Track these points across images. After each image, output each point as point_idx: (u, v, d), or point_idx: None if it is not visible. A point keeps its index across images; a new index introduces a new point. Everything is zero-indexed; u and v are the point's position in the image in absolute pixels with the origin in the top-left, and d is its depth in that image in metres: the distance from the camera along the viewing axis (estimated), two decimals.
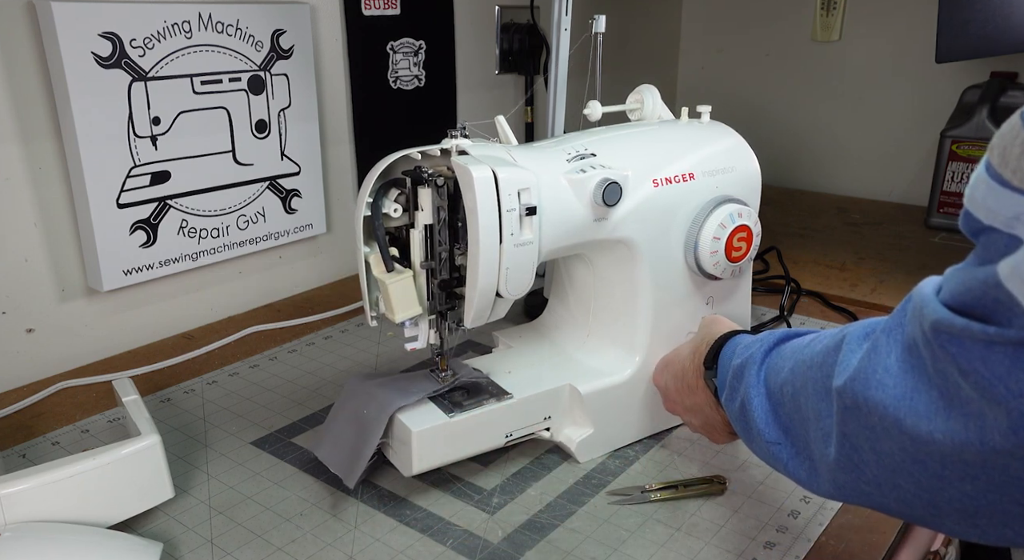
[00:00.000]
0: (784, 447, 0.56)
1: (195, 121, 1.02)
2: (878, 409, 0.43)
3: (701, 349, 0.71)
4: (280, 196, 1.16)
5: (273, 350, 1.04)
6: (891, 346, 0.44)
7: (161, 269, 1.03)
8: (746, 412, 0.60)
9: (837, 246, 1.44)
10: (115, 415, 0.88)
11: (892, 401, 0.43)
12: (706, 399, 0.70)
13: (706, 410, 0.71)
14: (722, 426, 0.71)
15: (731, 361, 0.64)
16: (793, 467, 0.55)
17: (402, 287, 0.70)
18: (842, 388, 0.46)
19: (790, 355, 0.57)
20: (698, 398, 0.72)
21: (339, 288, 1.27)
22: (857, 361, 0.46)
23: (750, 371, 0.60)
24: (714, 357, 0.68)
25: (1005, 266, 0.37)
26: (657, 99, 0.87)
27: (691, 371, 0.73)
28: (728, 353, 0.66)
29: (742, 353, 0.63)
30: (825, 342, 0.52)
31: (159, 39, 0.96)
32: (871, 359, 0.45)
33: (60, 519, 0.63)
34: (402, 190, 0.70)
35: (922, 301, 0.42)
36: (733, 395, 0.63)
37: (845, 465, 0.48)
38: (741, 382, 0.61)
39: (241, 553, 0.66)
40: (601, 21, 0.99)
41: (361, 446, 0.71)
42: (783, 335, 0.61)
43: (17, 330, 0.96)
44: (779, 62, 1.87)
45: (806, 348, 0.55)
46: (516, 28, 1.49)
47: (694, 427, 0.75)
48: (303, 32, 1.12)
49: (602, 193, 0.71)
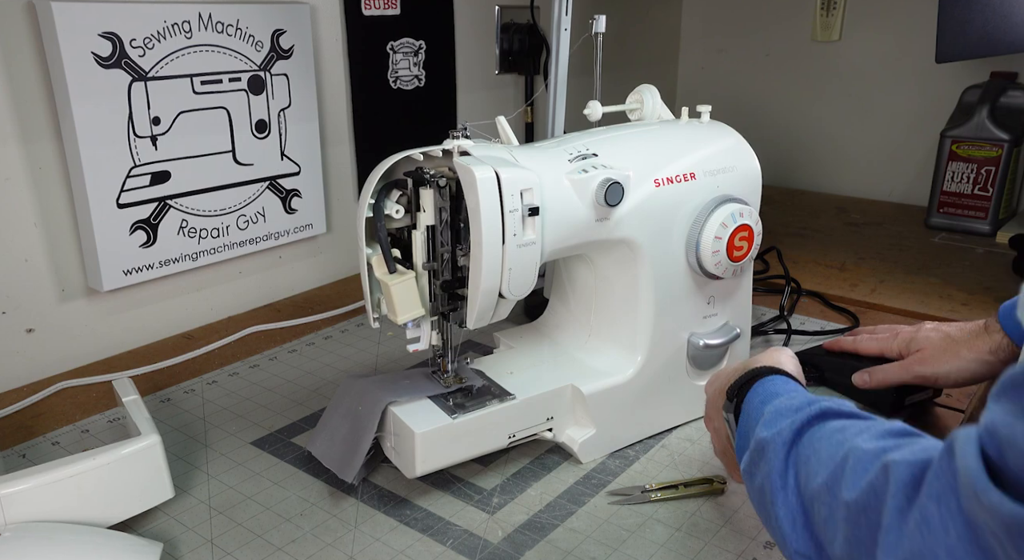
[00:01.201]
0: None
1: (195, 121, 1.02)
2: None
3: (735, 375, 0.65)
4: (280, 196, 1.16)
5: (273, 350, 1.04)
6: (948, 519, 0.37)
7: (161, 269, 1.03)
8: (766, 504, 0.53)
9: (837, 246, 1.44)
10: (115, 415, 0.87)
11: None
12: (720, 427, 0.67)
13: (724, 440, 0.67)
14: (734, 464, 0.66)
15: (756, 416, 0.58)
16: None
17: (404, 288, 0.70)
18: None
19: (827, 458, 0.48)
20: (720, 424, 0.68)
21: (339, 288, 1.27)
22: (908, 539, 0.39)
23: (776, 454, 0.52)
24: (738, 389, 0.63)
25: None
26: (657, 99, 0.87)
27: (719, 394, 0.68)
28: (756, 400, 0.60)
29: (771, 422, 0.55)
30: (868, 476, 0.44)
31: (159, 39, 0.96)
32: (925, 537, 0.37)
33: (60, 519, 0.63)
34: (404, 191, 0.70)
35: (971, 479, 0.35)
36: (753, 470, 0.55)
37: None
38: (762, 461, 0.54)
39: (241, 553, 0.66)
40: (601, 21, 0.99)
41: (356, 441, 0.71)
42: (817, 412, 0.53)
43: (17, 330, 0.96)
44: (779, 62, 1.87)
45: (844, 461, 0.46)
46: (516, 28, 1.49)
47: (716, 451, 0.72)
48: (303, 32, 1.12)
49: (604, 193, 0.71)
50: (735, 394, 0.63)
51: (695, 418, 0.86)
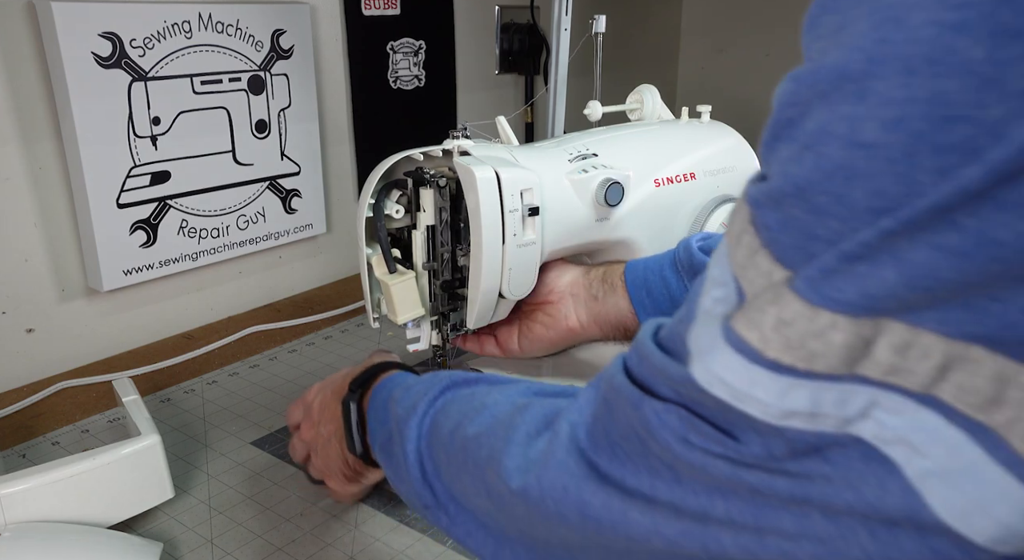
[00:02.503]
0: (441, 513, 0.46)
1: (195, 121, 1.02)
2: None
3: (355, 371, 0.62)
4: (280, 196, 1.15)
5: (273, 350, 1.04)
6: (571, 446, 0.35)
7: (161, 269, 1.03)
8: (401, 474, 0.49)
9: None
10: (115, 415, 0.87)
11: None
12: (335, 428, 0.61)
13: (328, 436, 0.61)
14: (338, 468, 0.62)
15: (385, 402, 0.54)
16: (457, 533, 0.45)
17: (404, 288, 0.70)
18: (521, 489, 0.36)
19: (456, 414, 0.46)
20: (330, 422, 0.62)
21: (339, 288, 1.27)
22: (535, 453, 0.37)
23: (408, 425, 0.48)
24: (364, 383, 0.59)
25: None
26: (657, 99, 0.87)
27: (336, 394, 0.62)
28: (383, 392, 0.56)
29: (402, 399, 0.51)
30: (499, 410, 0.42)
31: (159, 39, 0.96)
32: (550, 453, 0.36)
33: (60, 519, 0.63)
34: (404, 191, 0.70)
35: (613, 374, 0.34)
36: (390, 448, 0.52)
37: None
38: (397, 434, 0.50)
39: (241, 553, 0.66)
40: (601, 21, 0.99)
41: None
42: (448, 383, 0.50)
43: (17, 330, 0.96)
44: (779, 62, 1.87)
45: (476, 411, 0.44)
46: (516, 28, 1.49)
47: (315, 466, 0.66)
48: (303, 32, 1.12)
49: (604, 193, 0.71)
50: (359, 386, 0.59)
51: None
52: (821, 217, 0.24)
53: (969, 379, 0.23)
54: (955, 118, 0.21)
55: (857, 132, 0.23)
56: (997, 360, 0.22)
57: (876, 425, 0.25)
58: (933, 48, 0.21)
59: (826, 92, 0.24)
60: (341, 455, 0.61)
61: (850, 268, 0.23)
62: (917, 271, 0.22)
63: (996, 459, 0.23)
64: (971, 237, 0.21)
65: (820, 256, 0.24)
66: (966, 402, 0.23)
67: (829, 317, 0.24)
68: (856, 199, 0.23)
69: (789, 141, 0.26)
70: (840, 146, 0.24)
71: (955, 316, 0.22)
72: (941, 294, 0.22)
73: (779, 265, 0.26)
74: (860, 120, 0.23)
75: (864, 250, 0.23)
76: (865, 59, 0.23)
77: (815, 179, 0.24)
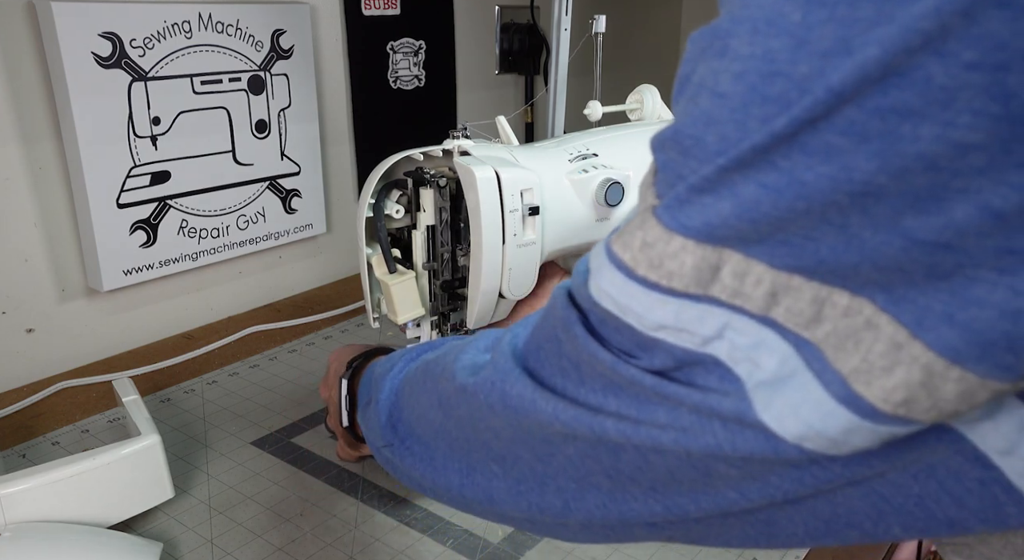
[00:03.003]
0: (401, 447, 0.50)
1: (195, 121, 1.02)
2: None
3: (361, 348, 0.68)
4: (280, 196, 1.16)
5: (273, 350, 1.04)
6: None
7: (161, 269, 1.03)
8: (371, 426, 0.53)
9: None
10: (115, 415, 0.87)
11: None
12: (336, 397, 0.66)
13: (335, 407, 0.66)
14: (341, 434, 0.68)
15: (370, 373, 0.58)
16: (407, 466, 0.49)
17: (404, 288, 0.70)
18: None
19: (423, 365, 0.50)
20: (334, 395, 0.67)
21: (339, 288, 1.27)
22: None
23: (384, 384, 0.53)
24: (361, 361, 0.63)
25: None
26: (657, 99, 0.87)
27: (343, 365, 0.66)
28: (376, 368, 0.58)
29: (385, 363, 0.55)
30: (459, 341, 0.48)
31: (159, 39, 0.96)
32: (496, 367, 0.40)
33: (60, 519, 0.63)
34: (404, 191, 0.70)
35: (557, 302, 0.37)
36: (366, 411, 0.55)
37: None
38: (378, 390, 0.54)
39: (241, 553, 0.66)
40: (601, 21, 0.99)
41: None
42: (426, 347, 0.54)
43: (17, 330, 0.96)
44: None
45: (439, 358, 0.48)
46: (516, 28, 1.49)
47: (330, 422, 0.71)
48: (303, 32, 1.12)
49: (604, 193, 0.71)
50: (352, 365, 0.64)
51: None
52: (685, 157, 0.28)
53: (794, 303, 0.27)
54: (776, 73, 0.25)
55: (718, 83, 0.27)
56: (813, 286, 0.26)
57: (728, 345, 0.29)
58: (771, 12, 0.25)
59: (704, 49, 0.29)
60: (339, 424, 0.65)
61: (697, 199, 0.27)
62: (745, 204, 0.26)
63: (811, 368, 0.27)
64: (783, 176, 0.25)
65: (677, 186, 0.28)
66: (794, 322, 0.27)
67: (680, 241, 0.28)
68: (709, 142, 0.27)
69: (683, 95, 0.30)
70: (707, 96, 0.27)
71: (778, 250, 0.26)
72: (765, 228, 0.26)
73: (655, 195, 0.30)
74: (720, 73, 0.27)
75: (706, 184, 0.27)
76: (730, 20, 0.27)
77: (686, 124, 0.28)
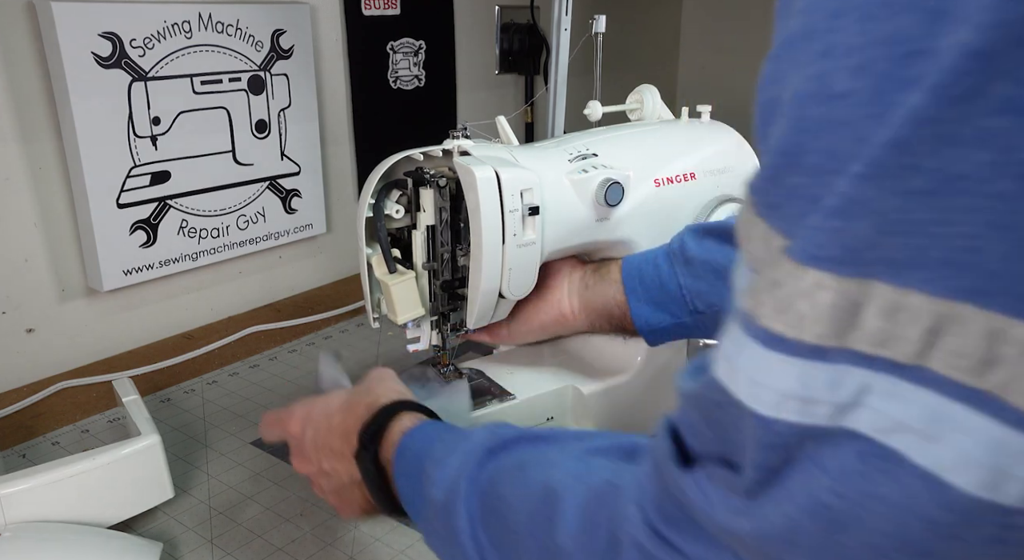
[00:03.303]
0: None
1: (195, 121, 1.02)
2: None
3: (359, 411, 0.55)
4: (280, 196, 1.15)
5: (273, 350, 1.04)
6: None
7: (161, 269, 1.03)
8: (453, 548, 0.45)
9: None
10: (115, 415, 0.87)
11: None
12: (349, 472, 0.55)
13: (344, 480, 0.56)
14: (359, 505, 0.57)
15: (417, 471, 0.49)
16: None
17: (404, 288, 0.70)
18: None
19: (518, 505, 0.41)
20: (341, 466, 0.56)
21: (339, 288, 1.27)
22: None
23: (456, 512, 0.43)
24: (375, 434, 0.53)
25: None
26: (657, 99, 0.87)
27: (338, 433, 0.56)
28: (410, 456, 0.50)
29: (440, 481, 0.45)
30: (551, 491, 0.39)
31: (159, 39, 0.96)
32: None
33: (60, 519, 0.63)
34: (404, 191, 0.70)
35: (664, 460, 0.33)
36: (434, 532, 0.47)
37: None
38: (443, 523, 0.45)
39: (241, 553, 0.66)
40: (601, 21, 0.99)
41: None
42: (484, 452, 0.45)
43: (17, 330, 0.96)
44: None
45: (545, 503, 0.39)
46: (516, 28, 1.49)
47: (322, 490, 0.59)
48: (303, 32, 1.12)
49: (604, 193, 0.71)
50: (371, 440, 0.53)
51: None
52: (815, 177, 0.24)
53: (960, 342, 0.22)
54: (913, 53, 0.21)
55: (830, 86, 0.23)
56: (984, 317, 0.22)
57: (872, 414, 0.24)
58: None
59: (793, 62, 0.25)
60: (363, 498, 0.56)
61: (830, 221, 0.23)
62: (893, 213, 0.22)
63: (1004, 421, 0.22)
64: (935, 172, 0.21)
65: (809, 215, 0.24)
66: (958, 368, 0.23)
67: (815, 276, 0.24)
68: (840, 149, 0.23)
69: (776, 120, 0.26)
70: (819, 104, 0.24)
71: (940, 272, 0.22)
72: (920, 243, 0.22)
73: (782, 236, 0.26)
74: (829, 74, 0.23)
75: (841, 200, 0.23)
76: (822, 18, 0.24)
77: (802, 141, 0.24)
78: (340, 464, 0.56)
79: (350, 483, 0.55)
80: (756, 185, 0.27)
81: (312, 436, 0.58)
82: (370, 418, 0.54)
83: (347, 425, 0.55)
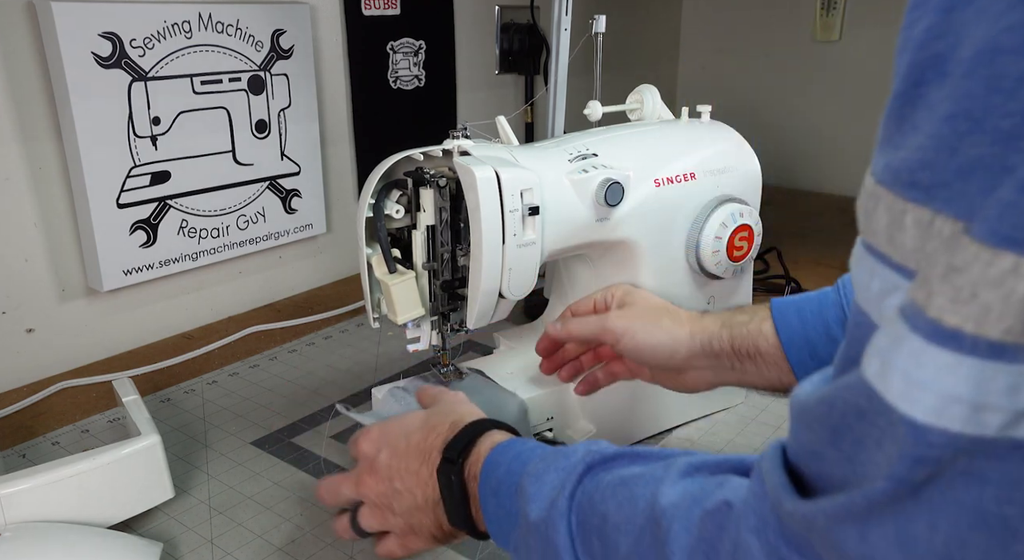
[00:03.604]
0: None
1: (195, 121, 1.02)
2: None
3: (441, 429, 0.55)
4: (280, 196, 1.15)
5: (273, 350, 1.04)
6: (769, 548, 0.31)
7: (161, 269, 1.03)
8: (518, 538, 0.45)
9: (837, 246, 1.44)
10: (115, 415, 0.87)
11: None
12: (424, 493, 0.53)
13: (418, 501, 0.54)
14: (427, 529, 0.54)
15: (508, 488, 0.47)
16: None
17: (404, 288, 0.70)
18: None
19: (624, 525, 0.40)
20: (416, 486, 0.54)
21: (339, 288, 1.27)
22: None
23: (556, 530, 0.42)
24: (462, 450, 0.52)
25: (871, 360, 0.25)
26: (657, 99, 0.87)
27: (416, 452, 0.54)
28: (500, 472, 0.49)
29: (535, 496, 0.45)
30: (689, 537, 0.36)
31: (159, 39, 0.96)
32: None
33: (60, 519, 0.63)
34: (404, 191, 0.70)
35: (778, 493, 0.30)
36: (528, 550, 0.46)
37: None
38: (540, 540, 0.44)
39: (241, 553, 0.66)
40: (601, 21, 0.99)
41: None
42: (583, 470, 0.44)
43: (17, 330, 0.96)
44: (779, 62, 1.87)
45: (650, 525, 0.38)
46: (516, 28, 1.49)
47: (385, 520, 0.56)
48: (303, 32, 1.12)
49: (604, 193, 0.71)
50: (458, 455, 0.52)
51: (695, 418, 0.86)
52: (1009, 142, 0.20)
53: None
54: None
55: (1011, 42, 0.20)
56: None
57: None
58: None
59: (982, 8, 0.22)
60: (437, 521, 0.54)
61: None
62: None
63: None
64: None
65: (999, 189, 0.20)
66: None
67: (1012, 260, 0.20)
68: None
69: (940, 82, 0.22)
70: (1017, 59, 0.20)
71: None
72: None
73: (956, 220, 0.22)
74: (1012, 29, 0.20)
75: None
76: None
77: (995, 103, 0.21)
78: (415, 483, 0.54)
79: (423, 504, 0.54)
80: (903, 165, 0.24)
81: (388, 455, 0.56)
82: (458, 432, 0.53)
83: (428, 443, 0.54)
